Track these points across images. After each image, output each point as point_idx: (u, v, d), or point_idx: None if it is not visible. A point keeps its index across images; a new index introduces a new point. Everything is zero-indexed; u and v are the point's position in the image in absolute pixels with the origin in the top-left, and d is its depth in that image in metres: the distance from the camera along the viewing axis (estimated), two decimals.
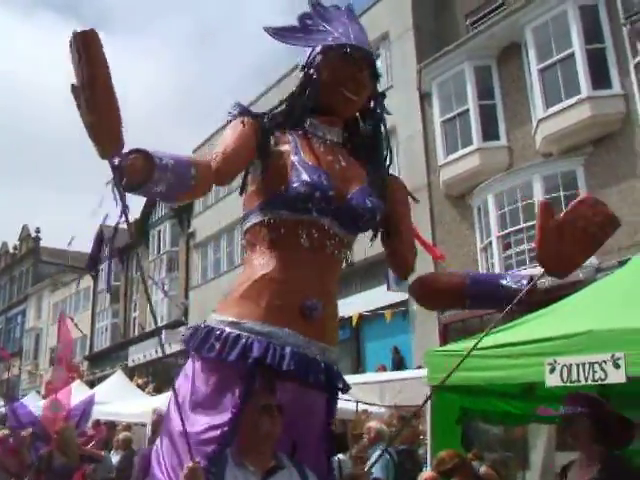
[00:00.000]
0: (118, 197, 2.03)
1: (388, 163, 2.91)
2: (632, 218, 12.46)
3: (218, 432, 2.30)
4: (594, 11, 13.53)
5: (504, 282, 2.60)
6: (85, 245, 38.57)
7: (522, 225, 13.79)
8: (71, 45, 1.94)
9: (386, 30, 18.75)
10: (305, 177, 2.45)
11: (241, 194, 2.68)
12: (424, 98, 16.99)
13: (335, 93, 2.66)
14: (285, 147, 2.57)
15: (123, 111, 1.97)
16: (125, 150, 1.99)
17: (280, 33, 2.70)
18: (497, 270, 13.94)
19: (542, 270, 2.40)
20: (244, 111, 2.61)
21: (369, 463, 7.22)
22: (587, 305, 5.51)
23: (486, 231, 14.79)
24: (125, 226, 2.26)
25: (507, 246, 14.15)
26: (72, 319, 33.88)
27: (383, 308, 15.21)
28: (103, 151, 1.98)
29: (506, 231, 14.19)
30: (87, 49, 1.91)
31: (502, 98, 15.27)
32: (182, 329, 19.88)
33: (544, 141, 13.83)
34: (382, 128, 2.91)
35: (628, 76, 12.94)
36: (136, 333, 30.34)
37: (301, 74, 2.78)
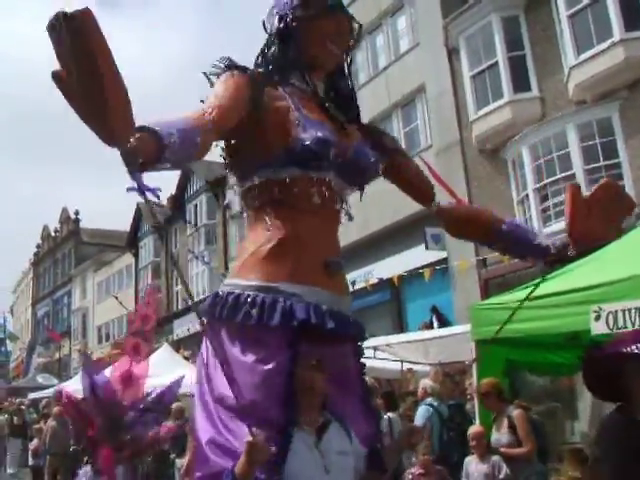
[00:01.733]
0: (136, 182, 1.89)
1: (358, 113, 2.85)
2: None
3: (275, 400, 2.26)
4: None
5: (538, 237, 2.78)
6: (125, 223, 38.88)
7: (559, 175, 13.60)
8: (55, 28, 1.68)
9: None
10: (318, 133, 2.41)
11: (227, 153, 2.59)
12: (452, 54, 16.73)
13: (319, 46, 2.60)
14: (282, 102, 2.50)
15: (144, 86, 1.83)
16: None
17: None
18: (535, 223, 13.80)
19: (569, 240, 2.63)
20: (232, 65, 2.51)
21: (415, 419, 7.33)
22: (629, 251, 5.45)
23: (522, 184, 14.62)
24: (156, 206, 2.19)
25: (544, 198, 13.99)
26: (116, 297, 34.56)
27: (422, 267, 15.18)
28: (113, 138, 1.82)
29: (542, 183, 14.01)
30: (84, 33, 1.67)
31: (531, 48, 14.95)
32: None
33: (577, 89, 13.55)
34: (350, 81, 2.87)
35: None
36: (180, 307, 30.78)
37: (275, 24, 2.68)
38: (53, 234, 51.08)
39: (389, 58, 19.54)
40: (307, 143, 2.40)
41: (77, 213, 46.59)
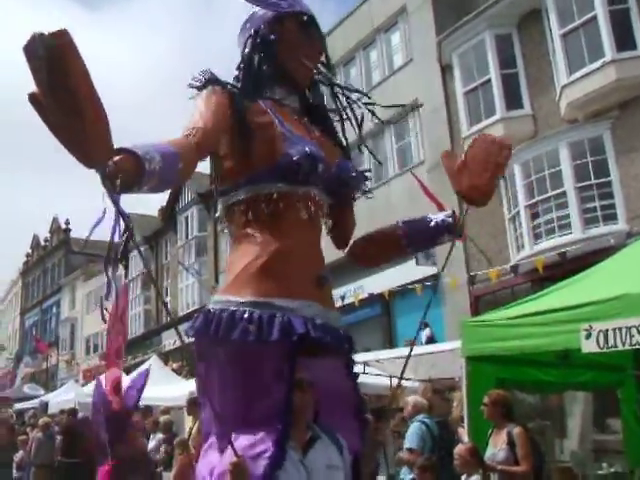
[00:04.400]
0: (113, 204, 1.88)
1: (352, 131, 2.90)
2: None
3: (275, 415, 2.27)
4: None
5: (433, 218, 2.84)
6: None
7: (550, 193, 13.65)
8: (31, 49, 1.65)
9: (403, 3, 18.56)
10: (306, 148, 2.42)
11: (215, 170, 2.59)
12: (445, 70, 16.82)
13: (294, 61, 2.63)
14: (265, 117, 2.49)
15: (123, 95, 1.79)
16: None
17: None
18: (526, 240, 13.84)
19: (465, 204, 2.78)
20: (213, 79, 2.49)
21: (407, 435, 7.27)
22: (620, 270, 5.47)
23: (513, 201, 14.67)
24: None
25: (535, 215, 14.03)
26: (105, 309, 34.37)
27: (413, 283, 15.18)
28: (92, 161, 1.80)
29: (534, 200, 14.05)
30: (61, 55, 1.65)
31: (524, 66, 15.06)
32: None
33: (569, 107, 13.63)
34: (337, 98, 2.89)
35: None
36: (168, 319, 30.65)
37: (249, 40, 2.69)
38: (43, 243, 50.87)
39: (383, 73, 19.62)
40: (295, 158, 2.41)
41: (67, 223, 46.43)
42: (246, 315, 2.34)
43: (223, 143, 2.45)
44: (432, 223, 2.80)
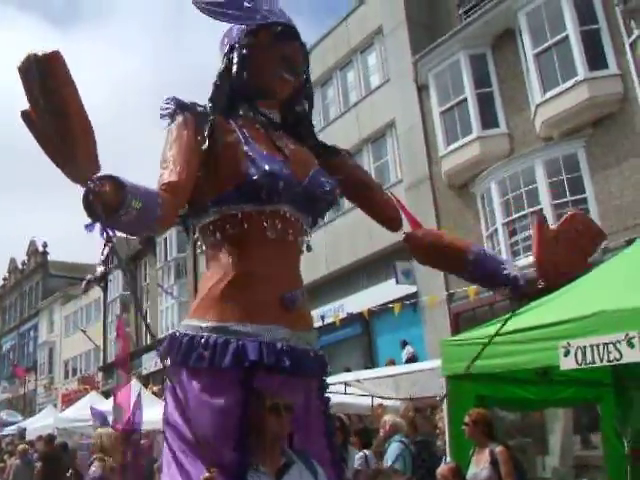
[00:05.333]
0: (100, 224, 1.92)
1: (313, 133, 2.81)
2: (635, 197, 12.48)
3: (230, 442, 2.24)
4: None
5: (507, 268, 2.69)
6: (93, 256, 38.52)
7: (527, 210, 13.79)
8: (25, 69, 1.76)
9: (379, 24, 18.77)
10: (266, 167, 2.36)
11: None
12: (421, 90, 16.98)
13: (270, 75, 2.55)
14: (231, 137, 2.44)
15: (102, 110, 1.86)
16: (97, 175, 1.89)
17: (209, 9, 2.50)
18: (504, 257, 13.93)
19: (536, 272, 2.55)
20: (181, 106, 2.44)
21: (386, 457, 7.27)
22: (597, 286, 5.51)
23: (491, 219, 14.79)
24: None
25: (513, 232, 14.15)
26: (84, 331, 34.11)
27: (392, 302, 15.22)
28: (78, 177, 1.87)
29: (511, 217, 14.19)
30: (53, 75, 1.75)
31: (499, 85, 15.26)
32: None
33: (544, 125, 13.82)
34: (308, 104, 2.81)
35: (624, 56, 12.90)
36: (148, 341, 30.40)
37: (225, 57, 2.63)
38: (20, 267, 50.35)
39: (360, 94, 19.77)
40: (255, 177, 2.36)
41: (45, 245, 46.06)
42: (202, 340, 2.31)
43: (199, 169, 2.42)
44: (505, 272, 2.66)
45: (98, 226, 1.94)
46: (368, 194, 2.88)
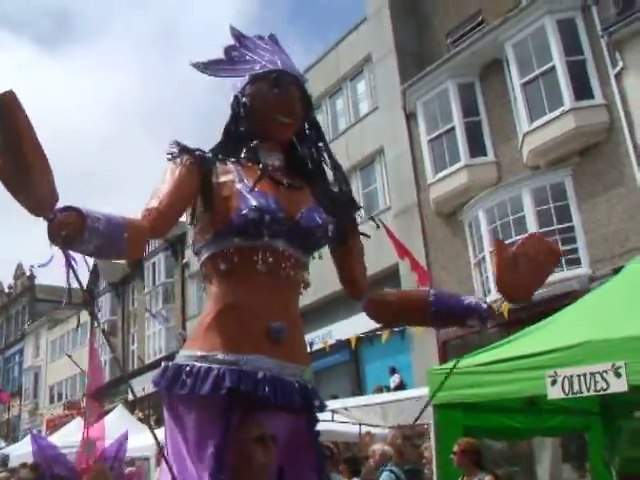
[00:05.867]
0: (62, 253, 2.03)
1: (346, 189, 2.91)
2: (622, 225, 12.58)
3: (205, 470, 2.23)
4: (572, 24, 13.73)
5: (466, 299, 2.76)
6: (80, 280, 38.18)
7: (514, 238, 13.83)
8: None
9: (368, 53, 18.96)
10: (253, 202, 2.44)
11: (191, 224, 2.68)
12: (410, 118, 17.12)
13: (269, 119, 2.67)
14: (228, 177, 2.55)
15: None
16: (58, 206, 1.98)
17: (209, 67, 2.74)
18: (492, 285, 13.97)
19: (502, 297, 2.68)
20: (183, 149, 2.57)
21: None
22: (584, 315, 5.55)
23: (479, 246, 14.85)
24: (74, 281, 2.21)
25: None
26: (69, 356, 33.79)
27: (380, 329, 15.18)
28: (39, 210, 1.95)
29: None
30: (8, 113, 1.85)
31: (487, 114, 15.41)
32: None
33: (531, 154, 13.95)
34: (326, 153, 2.94)
35: (609, 86, 13.10)
36: (135, 366, 30.17)
37: (230, 105, 2.78)
38: (7, 290, 49.99)
39: (349, 121, 19.91)
40: (242, 212, 2.43)
41: (32, 268, 45.79)
42: (187, 368, 2.36)
43: (198, 206, 2.55)
44: (465, 302, 2.74)
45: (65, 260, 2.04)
46: (347, 258, 2.89)
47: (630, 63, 12.83)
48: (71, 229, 1.97)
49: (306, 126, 2.87)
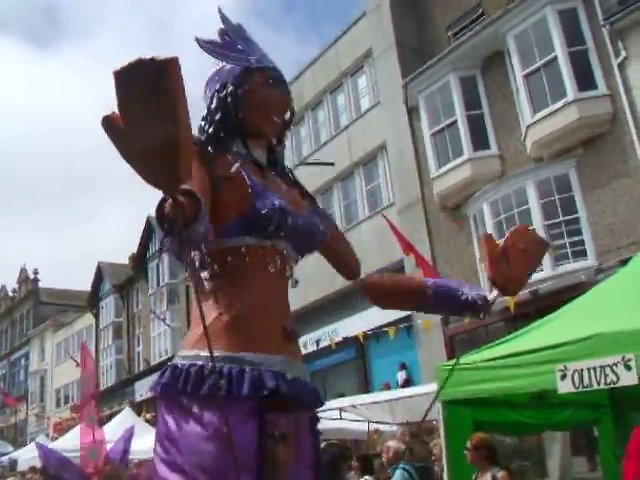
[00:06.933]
0: (177, 235, 1.88)
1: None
2: (628, 216, 12.49)
3: (246, 469, 2.17)
4: (573, 14, 13.63)
5: (465, 292, 2.79)
6: (84, 283, 38.40)
7: None
8: (129, 72, 1.68)
9: (369, 47, 18.88)
10: (275, 202, 2.42)
11: None
12: (412, 112, 17.05)
13: (262, 116, 2.63)
14: (232, 170, 2.49)
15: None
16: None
17: (210, 48, 2.64)
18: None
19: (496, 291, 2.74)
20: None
21: None
22: (593, 308, 5.48)
23: None
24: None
25: None
26: (74, 359, 33.85)
27: (387, 325, 15.13)
28: (171, 185, 1.82)
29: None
30: (169, 82, 1.70)
31: (489, 107, 15.33)
32: None
33: (534, 146, 13.87)
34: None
35: (612, 76, 13.00)
36: (141, 368, 30.18)
37: (216, 93, 2.69)
38: (11, 294, 50.04)
39: (350, 117, 19.85)
40: (264, 212, 2.40)
41: (36, 272, 45.82)
42: (216, 369, 2.28)
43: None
44: (463, 297, 2.78)
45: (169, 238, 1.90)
46: (336, 249, 2.90)
47: (633, 52, 12.73)
48: (191, 208, 1.88)
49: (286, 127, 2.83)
